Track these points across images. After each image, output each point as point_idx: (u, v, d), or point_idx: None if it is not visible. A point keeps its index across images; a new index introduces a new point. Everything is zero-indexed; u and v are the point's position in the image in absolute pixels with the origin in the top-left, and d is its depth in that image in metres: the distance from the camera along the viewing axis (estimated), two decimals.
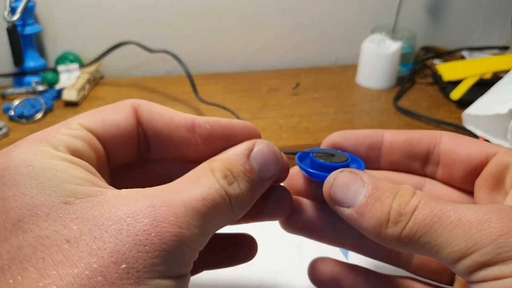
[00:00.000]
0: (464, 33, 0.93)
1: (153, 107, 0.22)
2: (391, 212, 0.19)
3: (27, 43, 0.70)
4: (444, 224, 0.18)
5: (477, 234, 0.17)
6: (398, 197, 0.19)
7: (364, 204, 0.20)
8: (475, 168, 0.23)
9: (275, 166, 0.21)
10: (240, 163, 0.20)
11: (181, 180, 0.19)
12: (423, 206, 0.18)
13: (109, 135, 0.21)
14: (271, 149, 0.21)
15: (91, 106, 0.66)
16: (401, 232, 0.18)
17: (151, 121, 0.22)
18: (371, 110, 0.68)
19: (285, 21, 0.83)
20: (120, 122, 0.21)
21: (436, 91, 0.75)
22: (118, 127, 0.21)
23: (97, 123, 0.21)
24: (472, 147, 0.23)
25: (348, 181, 0.21)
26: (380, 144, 0.24)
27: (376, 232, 0.19)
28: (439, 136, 0.24)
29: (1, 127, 0.57)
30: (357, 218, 0.20)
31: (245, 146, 0.21)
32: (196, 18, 0.78)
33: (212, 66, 0.83)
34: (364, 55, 0.75)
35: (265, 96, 0.72)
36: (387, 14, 0.87)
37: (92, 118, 0.21)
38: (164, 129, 0.22)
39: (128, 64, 0.79)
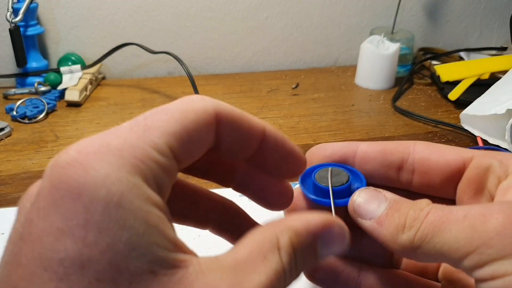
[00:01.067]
0: (462, 34, 0.94)
1: (235, 116, 0.20)
2: (407, 218, 0.20)
3: (30, 44, 0.70)
4: (451, 222, 0.18)
5: (481, 227, 0.17)
6: (414, 206, 0.20)
7: (385, 215, 0.21)
8: (453, 174, 0.23)
9: (338, 251, 0.20)
10: (307, 244, 0.19)
11: (249, 251, 0.18)
12: (434, 210, 0.19)
13: (188, 157, 0.19)
14: (343, 235, 0.20)
15: (93, 106, 0.67)
16: (414, 235, 0.19)
17: (230, 135, 0.20)
18: (370, 111, 0.68)
19: (285, 23, 0.83)
20: (202, 143, 0.19)
21: (434, 92, 0.76)
22: (199, 148, 0.19)
23: (182, 145, 0.18)
24: (448, 153, 0.23)
25: (371, 196, 0.22)
26: (354, 154, 0.25)
27: (393, 239, 0.20)
28: (413, 145, 0.24)
29: (4, 127, 0.58)
30: (376, 227, 0.21)
31: (319, 223, 0.20)
32: (197, 20, 0.79)
33: (213, 67, 0.84)
34: (363, 56, 0.76)
35: (265, 97, 0.72)
36: (386, 15, 0.87)
37: (178, 137, 0.17)
38: (238, 139, 0.20)
39: (129, 65, 0.80)
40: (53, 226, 0.14)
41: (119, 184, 0.15)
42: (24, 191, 0.19)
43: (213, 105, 0.19)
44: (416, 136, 0.61)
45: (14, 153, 0.54)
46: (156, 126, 0.17)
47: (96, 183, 0.15)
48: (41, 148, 0.55)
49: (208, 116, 0.18)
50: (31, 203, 0.16)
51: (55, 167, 0.16)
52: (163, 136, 0.17)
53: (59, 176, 0.15)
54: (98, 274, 0.14)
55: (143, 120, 0.17)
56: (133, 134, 0.16)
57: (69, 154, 0.16)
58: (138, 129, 0.17)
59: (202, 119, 0.18)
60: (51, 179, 0.15)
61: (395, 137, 0.60)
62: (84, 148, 0.16)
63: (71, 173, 0.15)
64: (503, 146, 0.56)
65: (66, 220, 0.14)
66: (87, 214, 0.14)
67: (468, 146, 0.58)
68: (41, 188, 0.16)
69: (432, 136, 0.61)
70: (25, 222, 0.15)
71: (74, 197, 0.15)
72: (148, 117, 0.17)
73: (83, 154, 0.15)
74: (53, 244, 0.14)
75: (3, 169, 0.51)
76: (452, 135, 0.61)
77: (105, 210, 0.14)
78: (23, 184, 0.48)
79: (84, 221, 0.14)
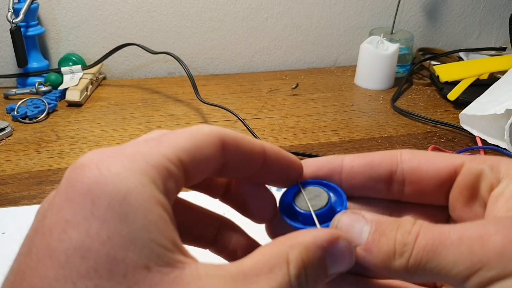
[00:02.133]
0: (461, 34, 0.94)
1: (238, 140, 0.21)
2: (396, 243, 0.19)
3: (31, 44, 0.71)
4: (446, 246, 0.18)
5: (480, 250, 0.17)
6: (400, 228, 0.19)
7: (371, 241, 0.20)
8: (444, 182, 0.23)
9: (346, 267, 0.20)
10: (316, 259, 0.19)
11: (256, 262, 0.18)
12: (423, 232, 0.19)
13: (196, 173, 0.19)
14: (350, 251, 0.20)
15: (94, 106, 0.67)
16: (407, 261, 0.19)
17: (235, 157, 0.21)
18: (369, 111, 0.69)
19: (284, 23, 0.84)
20: (209, 162, 0.20)
21: (433, 92, 0.76)
22: (206, 166, 0.20)
23: (191, 159, 0.19)
24: (437, 161, 0.23)
25: (351, 220, 0.21)
26: (340, 168, 0.24)
27: (385, 266, 0.19)
28: (399, 155, 0.24)
29: (5, 127, 0.58)
30: (365, 255, 0.20)
31: (327, 237, 0.20)
32: (197, 20, 0.79)
33: (213, 68, 0.84)
34: (363, 56, 0.76)
35: (265, 97, 0.73)
36: (385, 16, 0.88)
37: (188, 152, 0.19)
38: (242, 160, 0.21)
39: (130, 65, 0.80)
40: (63, 218, 0.16)
41: (127, 181, 0.16)
42: (25, 190, 0.20)
43: (218, 130, 0.20)
44: (415, 136, 0.61)
45: (15, 153, 0.54)
46: (167, 141, 0.18)
47: (105, 180, 0.16)
48: (41, 147, 0.56)
49: (215, 138, 0.20)
50: (49, 202, 0.17)
51: (72, 168, 0.17)
52: (174, 149, 0.18)
53: (75, 175, 0.16)
54: (96, 264, 0.15)
55: (157, 137, 0.19)
56: (146, 145, 0.18)
57: (86, 156, 0.17)
58: (151, 142, 0.18)
59: (210, 140, 0.20)
60: (68, 179, 0.16)
61: (394, 137, 0.61)
62: (101, 152, 0.17)
63: (85, 172, 0.16)
64: (502, 145, 0.56)
65: (74, 213, 0.15)
66: (93, 208, 0.15)
67: (467, 146, 0.58)
68: (58, 188, 0.17)
69: (431, 136, 0.61)
70: (40, 218, 0.17)
71: (84, 192, 0.16)
72: (161, 135, 0.19)
73: (98, 156, 0.17)
74: (60, 235, 0.15)
75: (4, 168, 0.51)
76: (451, 135, 0.61)
77: (109, 204, 0.15)
78: (24, 184, 0.48)
79: (90, 214, 0.15)
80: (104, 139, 0.58)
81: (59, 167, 0.52)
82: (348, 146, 0.58)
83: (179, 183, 0.18)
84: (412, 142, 0.60)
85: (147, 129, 0.61)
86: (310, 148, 0.57)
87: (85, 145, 0.57)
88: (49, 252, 0.15)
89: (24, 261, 0.16)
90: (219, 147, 0.20)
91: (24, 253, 0.16)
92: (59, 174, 0.50)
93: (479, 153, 0.56)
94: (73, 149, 0.56)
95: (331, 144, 0.58)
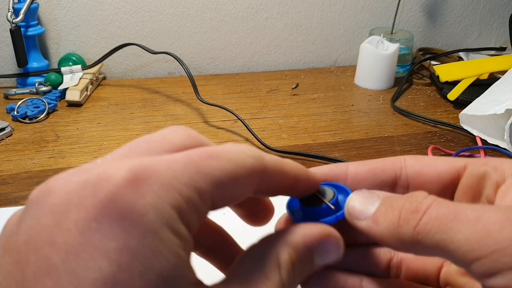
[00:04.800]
0: (461, 34, 0.94)
1: (278, 170, 0.20)
2: (402, 210, 0.19)
3: (31, 44, 0.71)
4: (461, 221, 0.17)
5: (498, 233, 0.16)
6: (410, 198, 0.20)
7: (378, 212, 0.20)
8: (447, 185, 0.23)
9: (333, 260, 0.21)
10: (304, 257, 0.20)
11: (250, 271, 0.18)
12: (437, 205, 0.18)
13: (225, 203, 0.19)
14: (337, 245, 0.21)
15: (94, 106, 0.67)
16: (414, 228, 0.18)
17: (268, 186, 0.21)
18: (369, 111, 0.69)
19: (284, 23, 0.84)
20: (241, 196, 0.19)
21: (433, 92, 0.76)
22: (236, 199, 0.19)
23: (223, 193, 0.18)
24: (439, 164, 0.23)
25: (365, 197, 0.22)
26: (345, 175, 0.24)
27: (390, 234, 0.19)
28: (403, 160, 0.24)
29: (5, 127, 0.58)
30: (372, 226, 0.20)
31: (316, 235, 0.20)
32: (197, 20, 0.79)
33: (213, 67, 0.84)
34: (363, 56, 0.76)
35: (265, 97, 0.73)
36: (385, 16, 0.88)
37: (222, 186, 0.18)
38: (274, 187, 0.21)
39: (130, 65, 0.80)
40: (91, 243, 0.14)
41: (160, 215, 0.15)
42: (25, 190, 0.19)
43: (261, 161, 0.19)
44: (415, 136, 0.61)
45: (15, 153, 0.54)
46: (205, 170, 0.17)
47: (140, 210, 0.15)
48: (42, 147, 0.56)
49: (255, 175, 0.19)
50: (50, 201, 0.16)
51: (106, 182, 0.16)
52: (209, 182, 0.17)
53: (109, 194, 0.15)
54: None
55: (196, 158, 0.17)
56: (184, 170, 0.17)
57: (123, 174, 0.16)
58: (189, 167, 0.17)
59: (249, 176, 0.19)
60: (98, 193, 0.15)
61: (394, 137, 0.61)
62: (137, 172, 0.16)
63: (121, 195, 0.15)
64: (502, 145, 0.56)
65: (106, 240, 0.15)
66: (126, 239, 0.15)
67: (467, 146, 0.58)
68: (81, 195, 0.15)
69: (431, 136, 0.61)
70: (53, 223, 0.15)
71: (118, 219, 0.15)
72: (201, 160, 0.18)
73: (136, 179, 0.16)
74: (88, 262, 0.14)
75: (4, 168, 0.51)
76: (451, 135, 0.61)
77: (142, 237, 0.15)
78: (24, 184, 0.48)
79: (122, 245, 0.15)
80: (104, 139, 0.58)
81: (59, 167, 0.52)
82: (348, 146, 0.58)
83: (203, 217, 0.18)
84: (412, 142, 0.60)
85: (147, 129, 0.61)
86: (310, 148, 0.57)
87: (85, 145, 0.57)
88: (75, 280, 0.14)
89: (43, 281, 0.14)
90: (256, 181, 0.19)
91: (40, 266, 0.15)
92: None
93: (479, 153, 0.56)
94: (73, 148, 0.56)
95: (331, 143, 0.58)
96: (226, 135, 0.60)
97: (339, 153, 0.56)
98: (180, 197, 0.16)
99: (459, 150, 0.56)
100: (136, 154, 0.19)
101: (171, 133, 0.20)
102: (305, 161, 0.54)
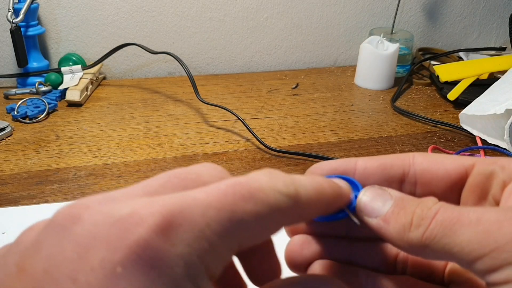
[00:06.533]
0: (461, 34, 0.94)
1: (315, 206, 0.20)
2: (414, 217, 0.20)
3: (31, 44, 0.71)
4: (464, 224, 0.18)
5: (496, 233, 0.17)
6: (421, 204, 0.20)
7: (390, 213, 0.21)
8: (455, 183, 0.23)
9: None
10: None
11: None
12: (443, 210, 0.19)
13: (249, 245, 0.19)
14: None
15: (94, 106, 0.67)
16: (423, 234, 0.19)
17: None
18: (369, 111, 0.69)
19: (284, 23, 0.84)
20: (269, 237, 0.20)
21: (433, 92, 0.76)
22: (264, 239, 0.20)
23: (250, 242, 0.18)
24: (448, 163, 0.24)
25: (377, 194, 0.22)
26: (354, 170, 0.25)
27: (400, 237, 0.20)
28: (412, 157, 0.24)
29: (5, 127, 0.58)
30: (383, 225, 0.21)
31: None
32: (197, 20, 0.79)
33: (213, 67, 0.84)
34: (363, 56, 0.76)
35: (265, 97, 0.73)
36: (385, 16, 0.88)
37: (253, 237, 0.18)
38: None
39: (130, 65, 0.80)
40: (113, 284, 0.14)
41: (187, 268, 0.15)
42: (25, 190, 0.18)
43: (296, 200, 0.19)
44: (415, 136, 0.61)
45: (15, 153, 0.54)
46: (239, 217, 0.17)
47: (169, 262, 0.15)
48: (42, 147, 0.56)
49: (288, 216, 0.19)
50: (76, 230, 0.15)
51: (137, 225, 0.15)
52: (241, 230, 0.17)
53: (140, 239, 0.15)
54: None
55: (230, 199, 0.17)
56: (217, 217, 0.16)
57: (155, 218, 0.15)
58: (223, 213, 0.16)
59: (282, 217, 0.18)
60: (128, 235, 0.15)
61: (394, 137, 0.61)
62: (170, 217, 0.15)
63: (152, 242, 0.15)
64: (502, 145, 0.56)
65: (130, 285, 0.14)
66: (151, 284, 0.14)
67: (467, 146, 0.58)
68: (110, 234, 0.15)
69: (431, 136, 0.61)
70: (76, 256, 0.15)
71: (146, 268, 0.14)
72: (235, 202, 0.17)
73: (168, 225, 0.15)
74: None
75: (4, 168, 0.51)
76: (451, 135, 0.61)
77: (168, 285, 0.14)
78: (24, 184, 0.48)
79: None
80: (104, 139, 0.58)
81: (59, 166, 0.52)
82: (348, 146, 0.58)
83: (230, 260, 0.18)
84: (412, 142, 0.60)
85: (147, 129, 0.61)
86: (310, 148, 0.57)
87: (85, 145, 0.57)
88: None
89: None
90: (290, 220, 0.19)
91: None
92: (59, 174, 0.50)
93: (479, 153, 0.56)
94: (73, 148, 0.56)
95: (331, 143, 0.59)
96: (226, 135, 0.60)
97: (339, 152, 0.56)
98: (209, 247, 0.16)
99: (459, 149, 0.56)
100: (169, 191, 0.18)
101: (206, 171, 0.19)
102: (305, 161, 0.54)
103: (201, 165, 0.20)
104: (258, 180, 0.18)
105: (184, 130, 0.61)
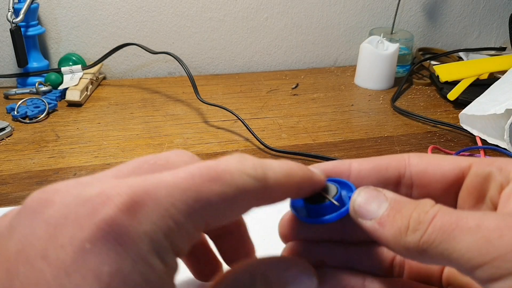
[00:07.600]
0: (461, 34, 0.94)
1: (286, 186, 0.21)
2: (410, 220, 0.19)
3: (31, 44, 0.71)
4: (463, 230, 0.18)
5: (497, 240, 0.17)
6: (418, 208, 0.20)
7: (386, 216, 0.20)
8: (451, 184, 0.23)
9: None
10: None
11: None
12: (441, 214, 0.19)
13: (218, 224, 0.20)
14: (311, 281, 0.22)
15: (94, 106, 0.67)
16: (420, 238, 0.19)
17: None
18: (369, 111, 0.69)
19: (284, 23, 0.84)
20: (237, 217, 0.22)
21: (433, 92, 0.76)
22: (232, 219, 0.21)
23: (217, 220, 0.19)
24: (444, 164, 0.23)
25: (371, 196, 0.21)
26: (348, 173, 0.24)
27: (396, 241, 0.20)
28: (407, 158, 0.24)
29: (5, 127, 0.58)
30: (378, 228, 0.20)
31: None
32: (197, 20, 0.79)
33: (213, 67, 0.84)
34: (363, 56, 0.76)
35: (265, 97, 0.73)
36: (385, 16, 0.88)
37: (218, 215, 0.18)
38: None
39: (130, 65, 0.80)
40: (84, 263, 0.15)
41: (153, 244, 0.16)
42: (25, 190, 0.19)
43: (264, 183, 0.19)
44: (415, 136, 0.61)
45: (15, 153, 0.54)
46: (205, 196, 0.17)
47: (136, 238, 0.15)
48: (42, 147, 0.56)
49: (255, 197, 0.19)
50: (47, 212, 0.16)
51: (104, 204, 0.16)
52: (208, 210, 0.17)
53: (107, 217, 0.15)
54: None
55: (198, 180, 0.17)
56: (183, 196, 0.17)
57: (122, 198, 0.16)
58: (189, 193, 0.17)
59: (249, 199, 0.19)
60: (96, 214, 0.15)
61: (394, 137, 0.61)
62: (136, 196, 0.16)
63: (119, 220, 0.15)
64: (502, 145, 0.56)
65: (100, 263, 0.15)
66: (119, 264, 0.15)
67: (467, 146, 0.58)
68: (78, 213, 0.16)
69: (431, 136, 0.61)
70: (47, 235, 0.15)
71: (113, 244, 0.15)
72: (202, 183, 0.18)
73: (134, 204, 0.16)
74: (79, 282, 0.15)
75: (4, 168, 0.51)
76: (451, 135, 0.61)
77: (135, 264, 0.15)
78: (24, 184, 0.48)
79: (115, 270, 0.15)
80: (104, 139, 0.58)
81: (59, 166, 0.52)
82: (348, 146, 0.58)
83: (193, 241, 0.18)
84: (412, 142, 0.60)
85: (147, 129, 0.61)
86: (310, 148, 0.57)
87: (85, 145, 0.57)
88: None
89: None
90: (257, 201, 0.20)
91: (5, 268, 0.15)
92: (59, 174, 0.50)
93: (479, 153, 0.56)
94: (73, 148, 0.56)
95: (331, 143, 0.59)
96: (226, 135, 0.60)
97: (339, 152, 0.56)
98: (175, 226, 0.16)
99: (459, 149, 0.56)
100: (139, 174, 0.19)
101: (175, 157, 0.20)
102: (305, 161, 0.54)
103: (172, 151, 0.21)
104: (226, 163, 0.19)
105: (184, 130, 0.61)
